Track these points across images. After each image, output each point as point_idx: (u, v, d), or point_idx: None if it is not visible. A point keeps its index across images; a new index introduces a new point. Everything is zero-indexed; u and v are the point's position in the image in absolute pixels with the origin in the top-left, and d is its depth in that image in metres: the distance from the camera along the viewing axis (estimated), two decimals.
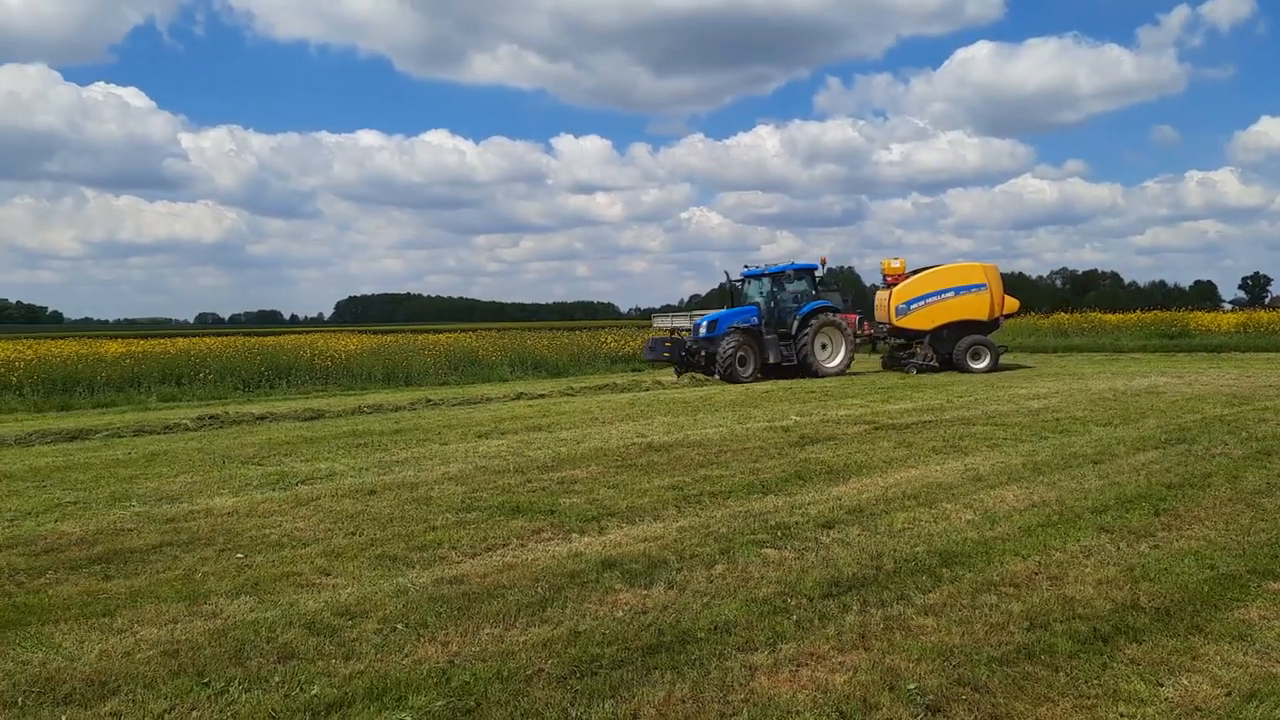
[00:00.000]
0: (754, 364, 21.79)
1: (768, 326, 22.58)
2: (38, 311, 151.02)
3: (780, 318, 22.80)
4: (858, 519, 7.05)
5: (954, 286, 23.09)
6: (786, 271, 23.19)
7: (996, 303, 23.27)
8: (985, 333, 23.23)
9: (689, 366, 22.64)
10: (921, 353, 22.85)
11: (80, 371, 21.27)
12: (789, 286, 23.23)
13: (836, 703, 3.89)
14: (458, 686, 4.10)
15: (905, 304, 23.02)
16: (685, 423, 13.26)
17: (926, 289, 23.05)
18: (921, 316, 22.95)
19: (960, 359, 22.54)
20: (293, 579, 5.81)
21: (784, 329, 22.56)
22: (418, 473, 9.53)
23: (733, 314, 22.74)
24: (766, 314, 22.80)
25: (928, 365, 22.72)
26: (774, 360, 22.18)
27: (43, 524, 7.48)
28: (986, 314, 23.20)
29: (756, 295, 23.54)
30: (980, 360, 22.71)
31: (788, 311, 22.86)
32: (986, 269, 23.50)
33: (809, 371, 22.15)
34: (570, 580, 5.62)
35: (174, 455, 11.27)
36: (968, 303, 23.01)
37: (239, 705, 3.96)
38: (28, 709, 3.98)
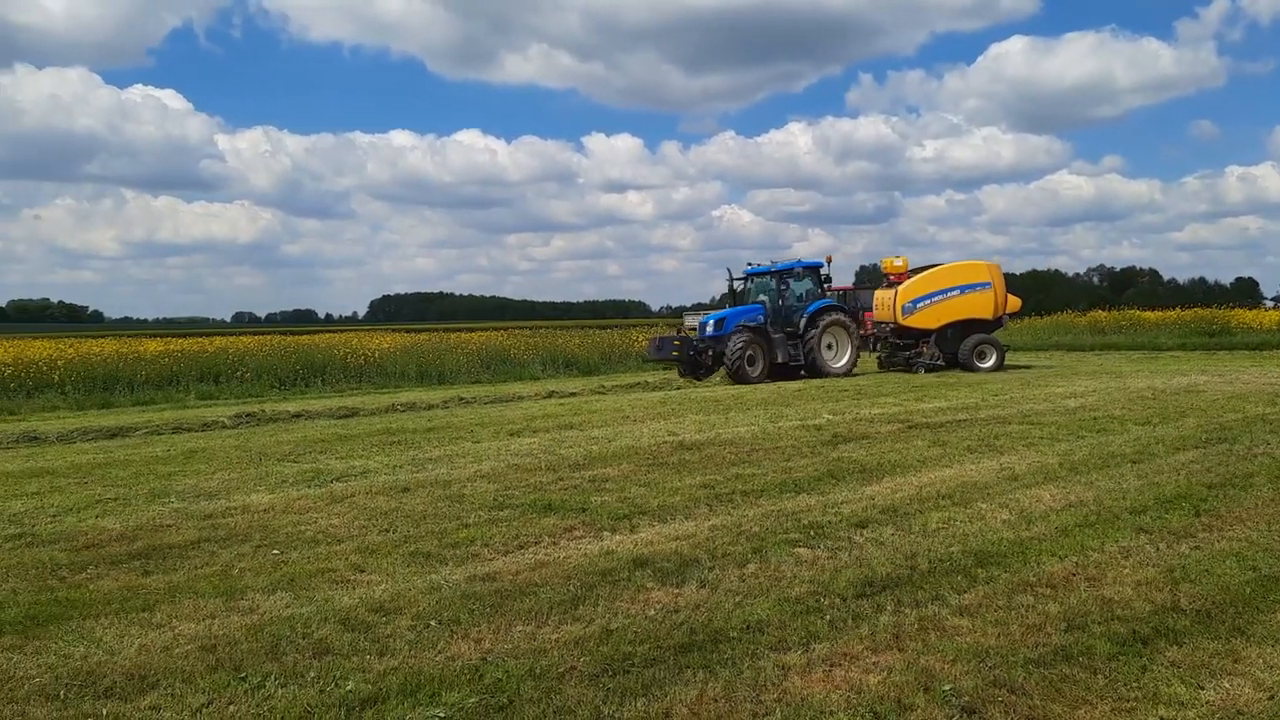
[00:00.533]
0: (763, 363, 21.29)
1: (774, 325, 22.13)
2: (78, 311, 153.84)
3: (786, 316, 22.36)
4: (891, 518, 7.00)
5: (959, 285, 22.81)
6: (795, 269, 22.74)
7: (1000, 301, 23.03)
8: (989, 331, 22.97)
9: (696, 367, 22.02)
10: (928, 352, 22.47)
11: (120, 370, 21.63)
12: (795, 285, 22.78)
13: (870, 703, 3.86)
14: (490, 684, 4.12)
15: (911, 303, 22.62)
16: (717, 421, 13.24)
17: (932, 287, 22.72)
18: (927, 315, 22.60)
19: (966, 358, 22.24)
20: (328, 575, 5.87)
21: (790, 328, 22.13)
22: (450, 470, 9.59)
23: (739, 312, 22.25)
24: (772, 313, 22.36)
25: (935, 364, 22.34)
26: (782, 359, 21.75)
27: (84, 520, 7.61)
28: (991, 313, 22.96)
29: (760, 294, 23.10)
30: (986, 359, 22.44)
31: (794, 310, 22.42)
32: (990, 267, 23.27)
33: (816, 371, 21.78)
34: (602, 578, 5.62)
35: (212, 452, 11.42)
36: (972, 301, 22.75)
37: (275, 700, 4.00)
38: (69, 701, 4.05)
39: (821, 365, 21.83)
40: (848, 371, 22.31)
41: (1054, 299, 55.62)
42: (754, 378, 20.82)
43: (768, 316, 22.20)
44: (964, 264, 23.42)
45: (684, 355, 21.81)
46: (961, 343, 22.49)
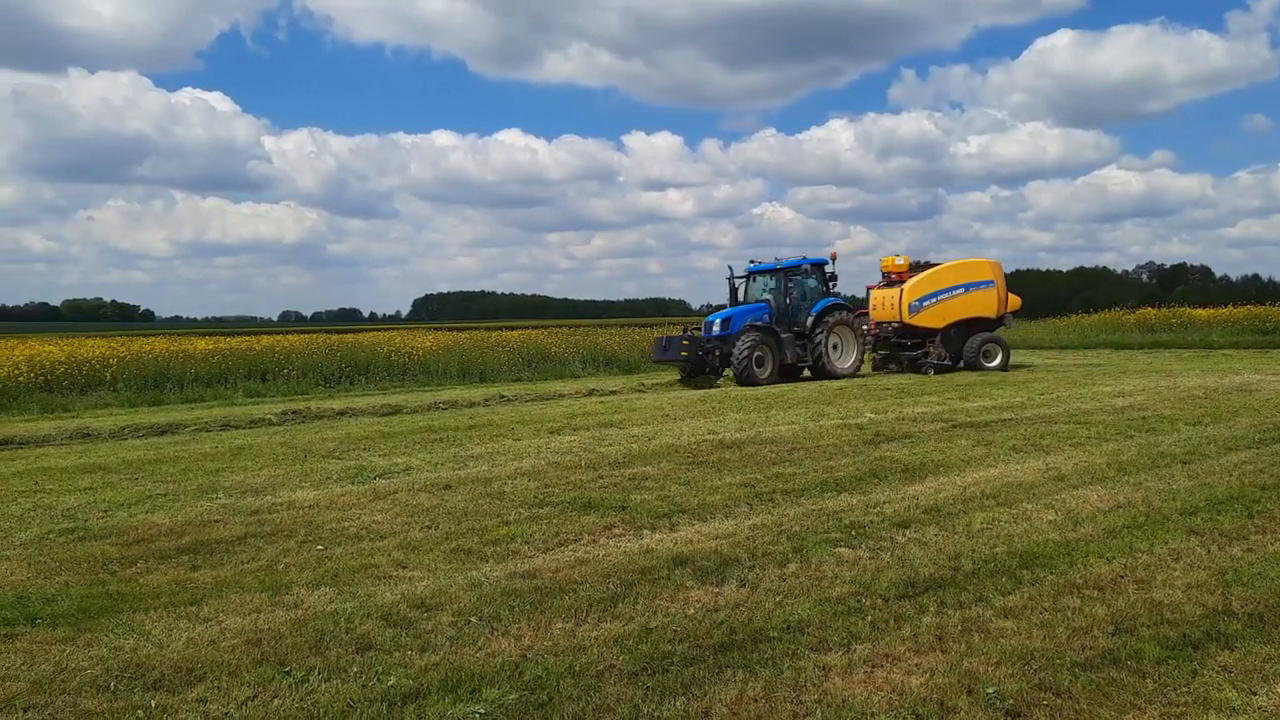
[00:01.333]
0: (772, 364, 20.48)
1: (780, 325, 21.40)
2: (130, 310, 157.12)
3: (792, 315, 21.64)
4: (934, 518, 6.92)
5: (963, 283, 22.39)
6: (801, 266, 21.96)
7: (1002, 300, 22.62)
8: (991, 330, 22.52)
9: (702, 368, 20.88)
10: (935, 352, 21.92)
11: (170, 368, 22.04)
12: (800, 283, 21.99)
13: (912, 705, 3.82)
14: (530, 680, 4.14)
15: (917, 301, 22.04)
16: (757, 420, 13.18)
17: (937, 286, 22.23)
18: (933, 314, 22.07)
19: (972, 357, 21.88)
20: (370, 571, 5.93)
21: (797, 327, 21.42)
22: (491, 468, 9.65)
23: (746, 311, 21.45)
24: (778, 311, 21.65)
25: (943, 364, 21.83)
26: (790, 360, 21.01)
27: (134, 515, 7.77)
28: (994, 311, 22.60)
29: (763, 292, 22.28)
30: (992, 359, 22.08)
31: (800, 309, 21.68)
32: (993, 265, 22.91)
33: (822, 372, 21.15)
34: (641, 577, 5.62)
35: (258, 449, 11.60)
36: (976, 300, 22.37)
37: (319, 694, 4.05)
38: (119, 693, 4.13)
39: (829, 366, 21.23)
40: (853, 372, 21.67)
41: (1102, 296, 54.57)
42: (763, 379, 20.10)
43: (773, 315, 21.53)
44: (967, 262, 23.00)
45: (693, 355, 20.76)
46: (965, 342, 22.10)
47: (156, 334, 42.24)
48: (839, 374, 21.22)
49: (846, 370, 21.53)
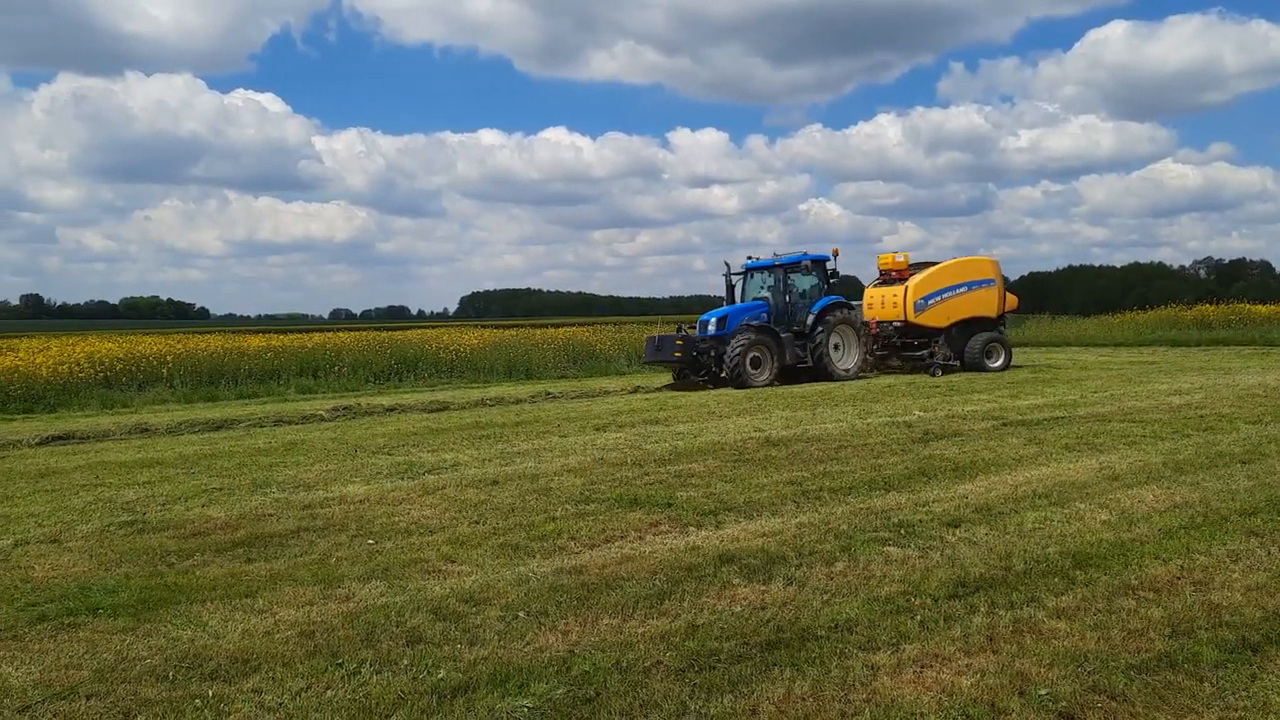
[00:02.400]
0: (770, 365, 19.49)
1: (778, 324, 20.48)
2: (185, 308, 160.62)
3: (792, 314, 20.72)
4: (985, 518, 6.83)
5: (966, 281, 21.78)
6: (802, 263, 21.06)
7: (1002, 299, 22.07)
8: (991, 330, 21.89)
9: (696, 369, 20.01)
10: (941, 352, 21.18)
11: (225, 365, 22.48)
12: (800, 280, 21.12)
13: (963, 706, 3.78)
14: (578, 675, 4.16)
15: (923, 299, 21.34)
16: (804, 417, 13.11)
17: (942, 284, 21.56)
18: (938, 313, 21.42)
19: (976, 358, 21.24)
20: (420, 565, 6.00)
21: (796, 326, 20.50)
22: (538, 464, 9.71)
23: (743, 309, 20.55)
24: (777, 310, 20.72)
25: (950, 365, 21.21)
26: (790, 361, 19.98)
27: (191, 508, 7.94)
28: (995, 310, 22.01)
29: (761, 290, 21.33)
30: (995, 359, 21.47)
31: (800, 308, 20.75)
32: (993, 264, 22.31)
33: (823, 374, 20.10)
34: (688, 574, 5.62)
35: (310, 445, 11.80)
36: (979, 299, 21.81)
37: (370, 686, 4.11)
38: (178, 682, 4.23)
39: (830, 367, 20.24)
40: (855, 373, 20.73)
41: (1158, 292, 53.45)
42: (758, 382, 19.11)
43: (771, 314, 20.64)
44: (970, 259, 22.41)
45: (686, 356, 19.84)
46: (967, 342, 21.45)
47: (211, 331, 43.12)
48: (840, 375, 20.28)
49: (848, 371, 20.63)
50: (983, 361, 21.26)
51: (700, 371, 19.89)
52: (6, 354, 23.48)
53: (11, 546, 6.76)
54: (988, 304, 21.90)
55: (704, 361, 19.78)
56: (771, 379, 19.40)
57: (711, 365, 19.62)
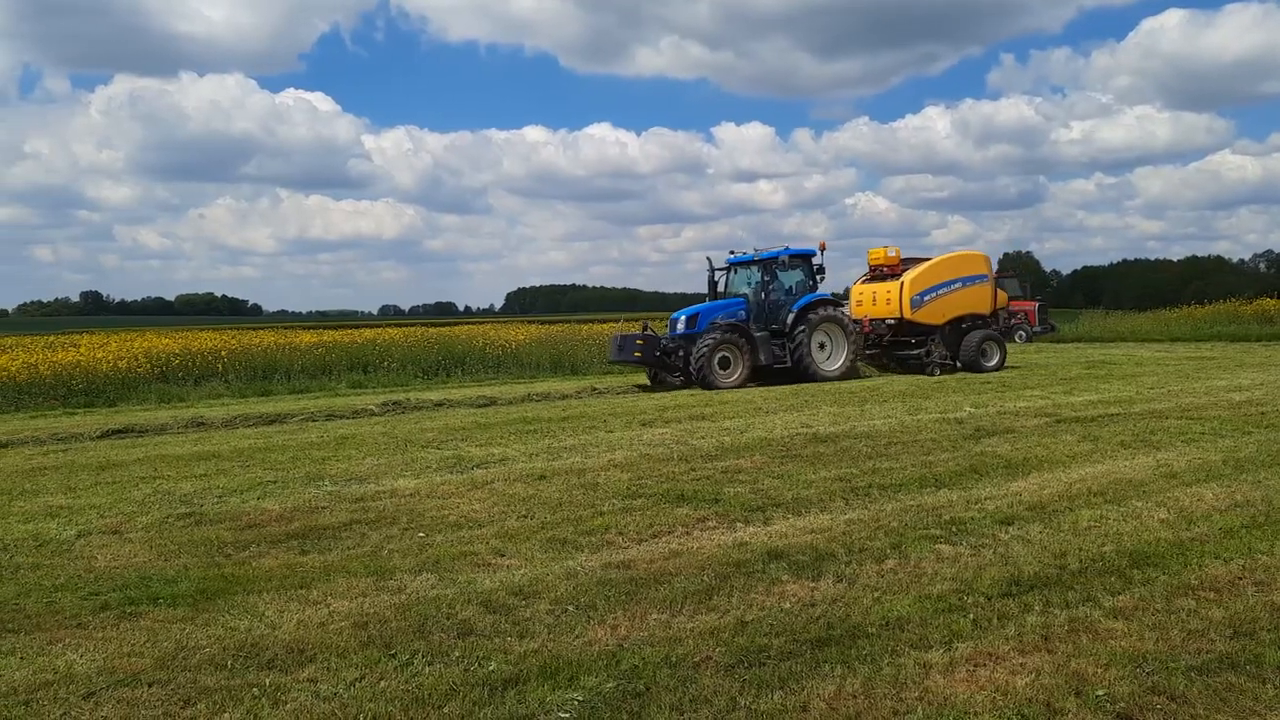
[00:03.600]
0: (741, 366, 18.55)
1: (757, 322, 19.49)
2: (239, 304, 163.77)
3: (772, 312, 19.68)
4: (1039, 516, 6.72)
5: (961, 277, 20.82)
6: (780, 258, 19.83)
7: (994, 295, 21.29)
8: (984, 327, 21.02)
9: (665, 369, 19.20)
10: (938, 351, 20.34)
11: (278, 360, 22.88)
12: (782, 276, 20.05)
13: (1018, 706, 3.72)
14: (627, 670, 4.17)
15: (919, 295, 20.33)
16: (852, 413, 13.00)
17: (937, 279, 20.58)
18: (934, 310, 20.47)
19: (971, 357, 20.38)
20: (470, 558, 6.06)
21: (777, 325, 19.50)
22: (584, 459, 9.75)
23: (715, 307, 19.56)
24: (755, 308, 19.71)
25: (946, 364, 20.38)
26: (765, 361, 19.07)
27: (246, 501, 8.09)
28: (988, 308, 21.14)
29: (744, 286, 20.35)
30: (991, 358, 20.66)
31: (780, 305, 19.72)
32: (986, 259, 21.47)
33: (805, 375, 19.02)
34: (736, 569, 5.61)
35: (361, 439, 11.96)
36: (973, 295, 20.93)
37: (422, 677, 4.16)
38: (236, 671, 4.31)
39: (811, 368, 19.13)
40: (843, 375, 19.60)
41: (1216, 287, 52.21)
42: (727, 383, 18.19)
43: (750, 312, 19.62)
44: (963, 254, 21.58)
45: (648, 357, 19.00)
46: (961, 340, 20.61)
47: (264, 327, 43.88)
48: (825, 376, 19.19)
49: (834, 373, 19.49)
50: (979, 361, 20.43)
51: (674, 372, 19.09)
52: (68, 350, 24.14)
53: (75, 537, 6.94)
54: (981, 301, 21.12)
55: (670, 362, 19.00)
56: (741, 380, 18.46)
57: (679, 365, 18.86)
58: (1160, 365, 20.62)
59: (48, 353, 22.95)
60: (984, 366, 20.46)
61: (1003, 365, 20.84)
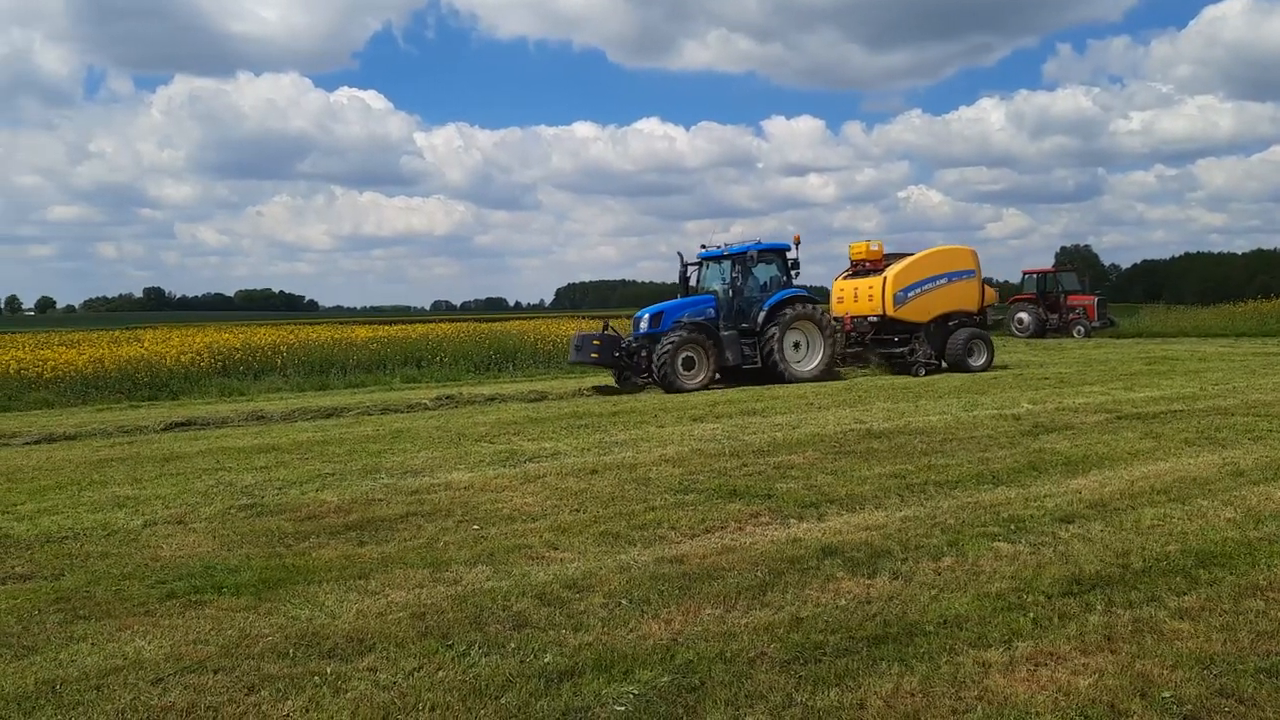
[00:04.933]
0: (706, 367, 17.64)
1: (727, 320, 18.48)
2: (296, 300, 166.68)
3: (743, 310, 18.68)
4: (1100, 514, 6.59)
5: (947, 273, 19.97)
6: (749, 252, 18.77)
7: (981, 292, 20.44)
8: (972, 325, 20.22)
9: (629, 369, 18.18)
10: (922, 349, 19.46)
11: (334, 355, 23.27)
12: (755, 271, 19.08)
13: (1080, 707, 3.66)
14: (681, 664, 4.17)
15: (903, 291, 19.50)
16: (906, 409, 12.85)
17: (922, 274, 19.76)
18: (918, 307, 19.61)
19: (958, 356, 19.51)
20: (523, 551, 6.11)
21: (748, 323, 18.54)
22: (636, 454, 9.76)
23: (682, 305, 18.59)
24: (725, 305, 18.68)
25: (931, 364, 19.52)
26: (733, 361, 18.18)
27: (306, 492, 8.24)
28: (975, 305, 20.28)
29: (716, 282, 19.32)
30: (978, 357, 19.78)
31: (752, 302, 18.75)
32: (973, 254, 20.56)
33: (776, 375, 18.06)
34: (790, 565, 5.58)
35: (416, 432, 12.11)
36: (959, 291, 20.08)
37: (479, 668, 4.21)
38: (298, 660, 4.40)
39: (784, 369, 18.15)
40: (820, 375, 18.57)
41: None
42: (690, 385, 17.28)
43: (720, 309, 18.62)
44: (949, 248, 20.69)
45: (605, 358, 18.18)
46: (947, 338, 19.75)
47: (320, 323, 44.58)
48: (799, 377, 18.20)
49: (809, 374, 18.44)
50: (965, 360, 19.55)
51: (639, 373, 17.99)
52: (133, 344, 24.80)
53: (141, 527, 7.13)
54: (968, 297, 20.26)
55: (633, 362, 18.06)
56: (707, 382, 17.65)
57: (643, 365, 17.87)
58: (1225, 361, 20.09)
59: (113, 347, 23.61)
60: (971, 366, 19.57)
61: (990, 365, 19.88)
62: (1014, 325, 34.77)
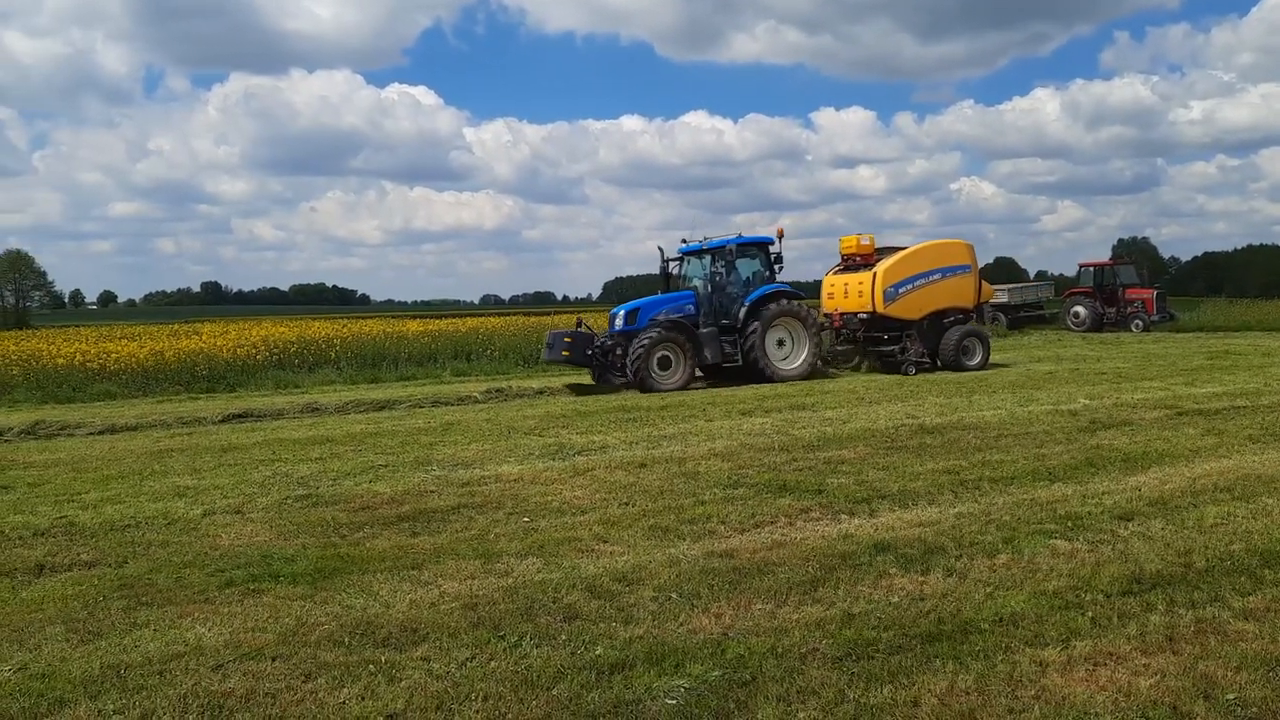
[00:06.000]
0: (683, 366, 16.94)
1: (707, 317, 17.73)
2: (348, 294, 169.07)
3: (723, 306, 17.90)
4: (1160, 511, 6.44)
5: (940, 268, 18.99)
6: (728, 247, 17.86)
7: (978, 288, 19.46)
8: (967, 322, 19.28)
9: (602, 368, 17.31)
10: (915, 348, 18.58)
11: (386, 348, 23.54)
12: (739, 266, 18.22)
13: (1142, 708, 3.58)
14: (733, 659, 4.16)
15: (893, 287, 18.58)
16: (959, 404, 12.68)
17: (914, 270, 18.83)
18: (910, 303, 18.68)
19: (951, 355, 18.61)
20: (573, 544, 6.13)
21: (729, 320, 17.78)
22: (684, 448, 9.75)
23: (660, 301, 17.85)
24: (705, 301, 17.89)
25: (922, 363, 18.62)
26: (713, 359, 17.47)
27: (359, 484, 8.36)
28: (971, 301, 19.32)
29: (697, 278, 18.55)
30: (973, 356, 18.86)
31: (733, 298, 17.95)
32: (969, 248, 19.56)
33: (759, 374, 17.34)
34: (842, 561, 5.54)
35: (466, 425, 12.22)
36: (954, 287, 19.12)
37: (531, 659, 4.24)
38: (353, 648, 4.47)
39: (767, 367, 17.40)
40: (805, 374, 17.77)
41: None
42: (667, 385, 16.54)
43: (700, 306, 17.84)
44: (943, 242, 19.71)
45: (577, 356, 17.39)
46: (941, 336, 18.83)
47: (372, 316, 45.19)
48: (782, 377, 17.42)
49: (793, 373, 17.67)
50: (959, 359, 18.66)
51: (615, 371, 17.09)
52: (191, 337, 25.34)
53: (200, 516, 7.28)
54: (963, 293, 19.28)
55: (608, 360, 17.20)
56: (685, 382, 16.92)
57: (618, 364, 17.00)
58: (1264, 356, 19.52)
59: (172, 340, 24.15)
60: (965, 365, 18.68)
61: (986, 364, 18.98)
62: (1070, 319, 34.06)
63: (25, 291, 79.29)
